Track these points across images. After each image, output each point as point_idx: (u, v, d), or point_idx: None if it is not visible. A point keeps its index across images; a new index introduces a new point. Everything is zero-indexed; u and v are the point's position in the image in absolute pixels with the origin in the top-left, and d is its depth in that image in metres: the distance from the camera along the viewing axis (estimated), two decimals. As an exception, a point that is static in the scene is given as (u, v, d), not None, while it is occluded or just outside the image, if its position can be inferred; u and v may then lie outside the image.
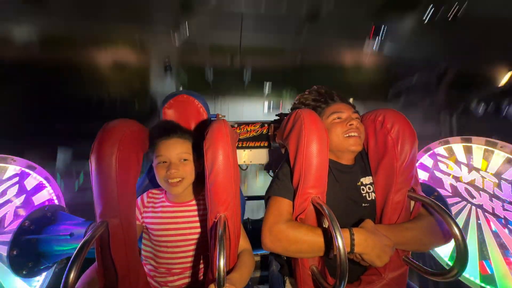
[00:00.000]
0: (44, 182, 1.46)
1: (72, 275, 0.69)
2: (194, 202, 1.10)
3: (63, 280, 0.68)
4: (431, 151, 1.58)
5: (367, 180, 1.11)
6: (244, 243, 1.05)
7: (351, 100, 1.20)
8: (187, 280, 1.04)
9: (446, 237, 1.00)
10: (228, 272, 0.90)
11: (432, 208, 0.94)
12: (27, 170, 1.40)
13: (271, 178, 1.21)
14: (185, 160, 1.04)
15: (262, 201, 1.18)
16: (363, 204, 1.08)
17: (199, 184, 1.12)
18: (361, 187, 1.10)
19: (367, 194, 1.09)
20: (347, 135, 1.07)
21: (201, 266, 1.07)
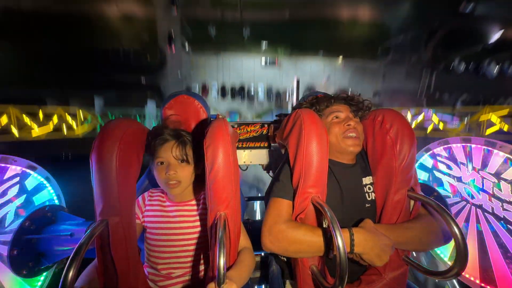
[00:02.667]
0: (45, 182, 1.46)
1: (71, 273, 0.69)
2: (194, 202, 1.11)
3: (62, 278, 0.68)
4: (431, 151, 1.58)
5: (367, 180, 1.12)
6: (244, 241, 1.05)
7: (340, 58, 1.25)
8: (187, 284, 1.04)
9: (446, 236, 1.00)
10: (228, 269, 0.90)
11: (432, 207, 0.95)
12: (27, 170, 1.41)
13: (271, 179, 1.21)
14: (184, 161, 1.05)
15: (262, 202, 1.18)
16: (366, 205, 1.08)
17: (200, 184, 1.12)
18: (364, 187, 1.10)
19: (367, 194, 1.09)
20: (345, 135, 1.08)
21: (201, 267, 1.06)
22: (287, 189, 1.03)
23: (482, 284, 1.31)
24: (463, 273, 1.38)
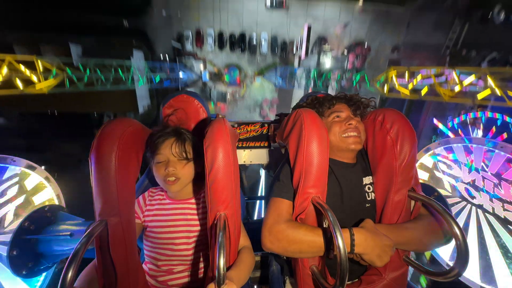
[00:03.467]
0: (44, 182, 1.45)
1: (70, 273, 0.69)
2: (194, 200, 1.11)
3: (61, 278, 0.68)
4: (431, 151, 1.58)
5: (367, 179, 1.12)
6: (244, 240, 1.06)
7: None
8: (187, 280, 1.05)
9: (446, 237, 1.00)
10: (228, 269, 0.91)
11: (433, 207, 0.94)
12: (27, 170, 1.40)
13: (271, 178, 1.21)
14: (183, 159, 1.05)
15: (262, 202, 1.19)
16: (366, 205, 1.08)
17: (199, 183, 1.13)
18: (364, 187, 1.10)
19: (367, 194, 1.09)
20: (346, 134, 1.08)
21: (201, 265, 1.07)
22: (288, 189, 1.03)
23: (483, 284, 1.31)
24: (463, 273, 1.38)
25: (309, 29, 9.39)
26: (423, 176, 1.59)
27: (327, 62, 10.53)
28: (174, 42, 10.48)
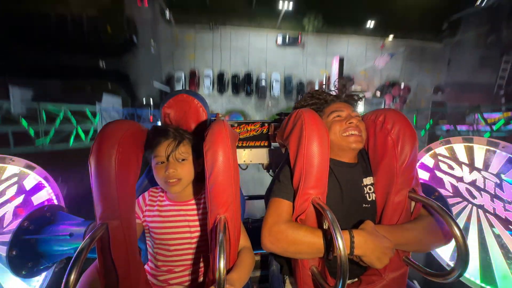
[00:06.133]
0: (43, 182, 1.45)
1: (72, 277, 0.69)
2: (194, 201, 1.11)
3: (63, 282, 0.68)
4: (432, 151, 1.57)
5: (368, 180, 1.11)
6: (244, 241, 1.06)
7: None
8: (187, 278, 1.05)
9: (446, 237, 1.00)
10: (228, 271, 0.91)
11: (433, 208, 0.94)
12: (26, 170, 1.40)
13: (271, 178, 1.21)
14: (183, 160, 1.04)
15: (262, 201, 1.19)
16: (364, 205, 1.07)
17: (199, 183, 1.12)
18: (364, 187, 1.09)
19: (367, 195, 1.09)
20: (347, 133, 1.07)
21: (201, 265, 1.07)
22: (288, 190, 1.02)
23: (483, 285, 1.31)
24: (464, 274, 1.38)
25: (341, 61, 7.34)
26: (424, 176, 1.59)
27: (359, 105, 9.14)
28: (158, 83, 8.24)
